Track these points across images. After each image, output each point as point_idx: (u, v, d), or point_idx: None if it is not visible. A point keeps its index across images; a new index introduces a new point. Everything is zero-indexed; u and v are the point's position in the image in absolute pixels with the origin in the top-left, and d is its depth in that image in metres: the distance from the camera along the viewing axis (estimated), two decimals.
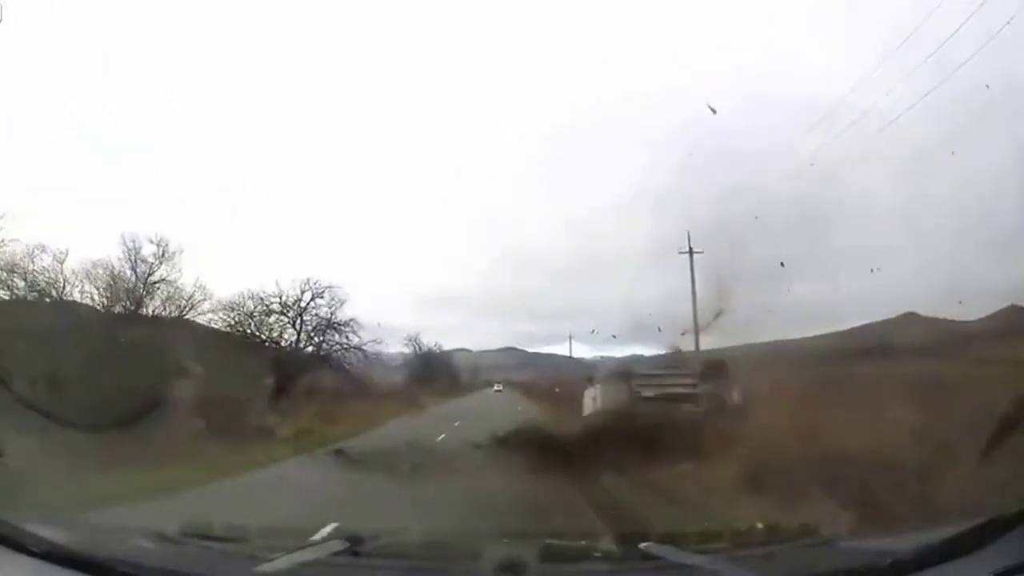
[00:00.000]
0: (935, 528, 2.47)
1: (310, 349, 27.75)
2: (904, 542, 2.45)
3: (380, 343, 27.63)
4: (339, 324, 27.56)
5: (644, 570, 2.79)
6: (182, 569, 2.55)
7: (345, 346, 27.66)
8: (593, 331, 31.61)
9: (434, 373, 36.66)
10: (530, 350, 45.91)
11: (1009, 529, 2.22)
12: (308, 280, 26.95)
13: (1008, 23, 13.33)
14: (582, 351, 34.68)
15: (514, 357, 45.43)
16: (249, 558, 2.77)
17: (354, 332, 27.39)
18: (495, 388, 41.47)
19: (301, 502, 8.41)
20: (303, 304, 27.39)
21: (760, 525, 3.64)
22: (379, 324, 27.82)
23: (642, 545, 2.84)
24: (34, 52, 29.19)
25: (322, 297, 27.26)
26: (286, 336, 27.47)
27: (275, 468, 12.12)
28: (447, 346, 37.79)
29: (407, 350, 35.77)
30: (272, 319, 27.01)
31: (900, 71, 15.65)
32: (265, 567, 2.52)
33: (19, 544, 2.43)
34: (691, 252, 23.12)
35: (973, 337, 15.28)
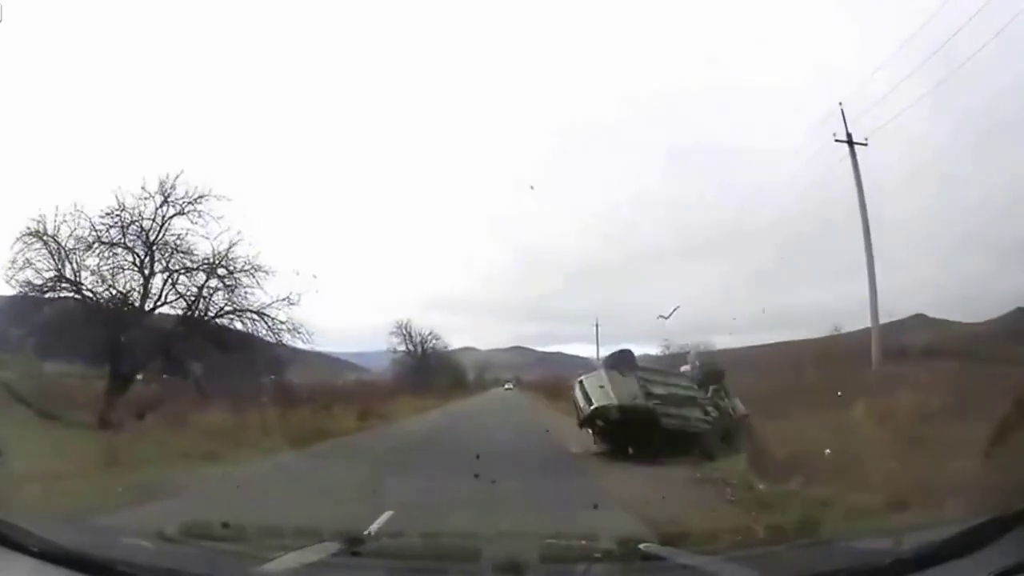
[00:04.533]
0: (935, 528, 2.46)
1: (175, 315, 15.99)
2: (904, 542, 2.45)
3: (295, 303, 16.06)
4: (223, 266, 15.74)
5: (644, 570, 2.78)
6: (182, 569, 2.55)
7: (238, 309, 16.17)
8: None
9: (425, 372, 30.21)
10: (539, 349, 45.75)
11: (1009, 529, 2.21)
12: (166, 181, 15.42)
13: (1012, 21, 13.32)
14: (589, 351, 34.42)
15: (523, 356, 45.19)
16: (249, 558, 2.78)
17: (257, 285, 15.90)
18: (505, 387, 41.08)
19: None
20: (150, 222, 15.23)
21: (760, 525, 3.62)
22: (297, 273, 17.59)
23: (642, 545, 2.84)
24: None
25: (184, 213, 15.38)
26: (126, 287, 15.44)
27: None
28: (453, 345, 33.32)
29: (397, 342, 29.40)
30: (95, 256, 15.00)
31: (906, 73, 15.57)
32: (265, 567, 2.53)
33: (19, 544, 2.43)
34: (851, 142, 16.42)
35: (980, 338, 15.27)
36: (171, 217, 15.55)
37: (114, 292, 15.50)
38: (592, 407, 12.81)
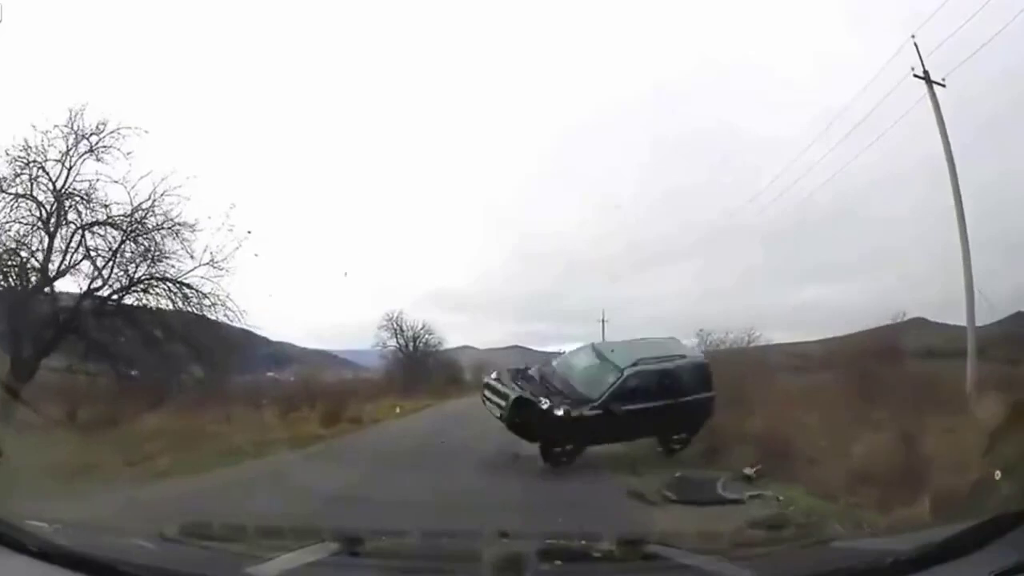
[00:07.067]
0: (935, 528, 2.46)
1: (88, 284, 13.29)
2: (904, 542, 2.45)
3: (223, 268, 13.61)
4: (140, 222, 13.12)
5: (644, 570, 2.78)
6: (182, 569, 2.56)
7: (155, 277, 13.49)
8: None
9: (418, 370, 28.16)
10: (539, 349, 45.53)
11: (1009, 529, 2.21)
12: (76, 110, 12.82)
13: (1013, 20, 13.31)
14: None
15: (523, 356, 44.91)
16: (248, 558, 2.78)
17: (185, 248, 13.47)
18: None
19: None
20: (56, 164, 12.73)
21: (760, 525, 3.63)
22: (230, 229, 13.89)
23: (642, 545, 2.83)
24: None
25: (95, 152, 12.92)
26: (25, 246, 13.00)
27: None
28: (450, 343, 32.42)
29: (387, 336, 27.43)
30: None
31: (907, 74, 15.50)
32: (264, 567, 2.53)
33: (19, 544, 2.43)
34: (928, 79, 14.41)
35: (980, 342, 15.28)
36: (83, 155, 13.01)
37: (11, 252, 12.92)
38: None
